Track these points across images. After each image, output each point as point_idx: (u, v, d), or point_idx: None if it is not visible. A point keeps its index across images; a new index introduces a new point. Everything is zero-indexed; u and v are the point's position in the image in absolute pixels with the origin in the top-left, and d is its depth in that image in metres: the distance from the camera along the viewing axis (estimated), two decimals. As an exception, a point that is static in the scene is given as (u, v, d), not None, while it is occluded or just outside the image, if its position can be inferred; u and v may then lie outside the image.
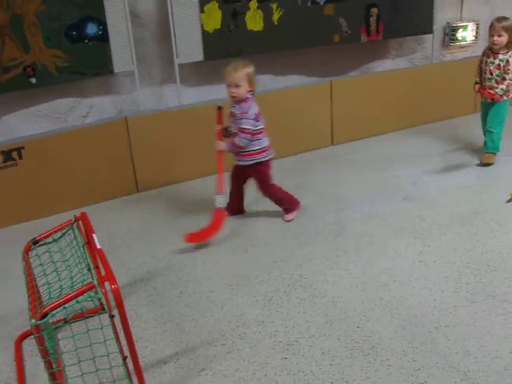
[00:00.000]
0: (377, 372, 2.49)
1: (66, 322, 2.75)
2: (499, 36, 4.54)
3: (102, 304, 2.93)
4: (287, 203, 4.07)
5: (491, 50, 4.70)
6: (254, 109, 3.77)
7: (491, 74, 4.69)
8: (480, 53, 4.96)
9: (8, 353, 2.82)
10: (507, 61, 4.59)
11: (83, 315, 2.72)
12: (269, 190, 4.02)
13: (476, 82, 4.84)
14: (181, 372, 2.58)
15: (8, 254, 3.79)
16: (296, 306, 3.01)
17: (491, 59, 4.69)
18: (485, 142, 4.87)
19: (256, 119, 3.78)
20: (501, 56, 4.62)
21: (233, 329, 2.86)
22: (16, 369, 2.68)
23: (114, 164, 4.67)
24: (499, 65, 4.63)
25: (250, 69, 3.74)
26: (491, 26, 4.62)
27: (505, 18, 4.59)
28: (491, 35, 4.61)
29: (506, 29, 4.53)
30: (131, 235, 4.03)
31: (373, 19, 5.62)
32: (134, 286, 3.31)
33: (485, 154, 4.83)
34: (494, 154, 4.83)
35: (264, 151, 3.88)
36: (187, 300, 3.15)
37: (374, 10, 5.60)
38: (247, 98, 3.76)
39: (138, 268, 3.53)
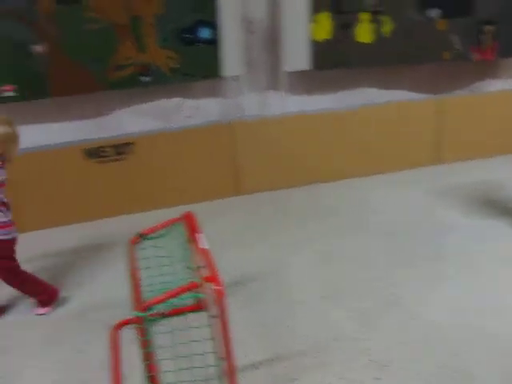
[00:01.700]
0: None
1: (163, 316, 2.81)
2: None
3: (199, 303, 2.98)
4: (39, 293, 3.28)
5: None
6: None
7: None
8: None
9: (104, 339, 2.91)
10: None
11: (180, 311, 2.78)
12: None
13: None
14: (272, 379, 2.56)
15: (114, 244, 3.95)
16: (391, 327, 2.93)
17: None
18: None
19: None
20: None
21: (327, 342, 2.81)
22: (112, 355, 2.76)
23: (217, 165, 4.79)
24: None
25: (3, 129, 2.93)
26: None
27: None
28: None
29: None
30: (229, 237, 4.08)
31: (487, 37, 5.41)
32: (229, 288, 3.31)
33: None
34: None
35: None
36: (282, 307, 3.14)
37: (489, 28, 5.39)
38: None
39: (235, 271, 3.56)
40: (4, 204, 3.03)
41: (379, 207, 4.55)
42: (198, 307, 2.97)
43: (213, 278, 2.13)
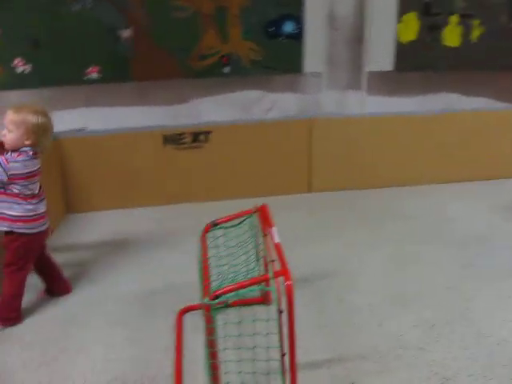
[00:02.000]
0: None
1: (227, 304, 2.85)
2: None
3: (264, 296, 3.00)
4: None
5: None
6: (20, 166, 2.84)
7: None
8: None
9: (169, 323, 2.98)
10: None
11: (245, 303, 2.81)
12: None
13: None
14: (331, 380, 2.55)
15: (186, 230, 4.02)
16: (458, 340, 2.84)
17: None
18: None
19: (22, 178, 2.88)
20: None
21: (389, 348, 2.77)
22: (176, 339, 2.82)
23: (291, 160, 4.80)
24: None
25: (36, 119, 2.86)
26: None
27: None
28: None
29: None
30: (298, 233, 4.07)
31: None
32: (296, 284, 3.32)
33: None
34: None
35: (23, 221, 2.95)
36: (346, 309, 3.11)
37: None
38: (22, 151, 2.86)
39: (301, 267, 3.53)
40: (34, 196, 2.96)
41: (455, 216, 4.43)
42: (262, 300, 3.00)
43: (284, 273, 2.14)
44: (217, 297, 2.14)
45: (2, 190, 2.87)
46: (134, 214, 4.57)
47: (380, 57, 4.78)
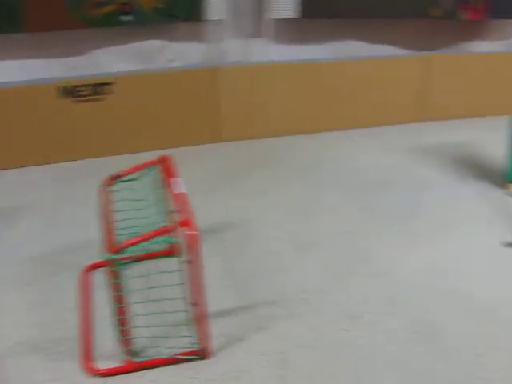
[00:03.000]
0: (436, 357, 2.41)
1: (135, 259, 2.80)
2: None
3: (170, 247, 2.96)
4: None
5: None
6: None
7: None
8: None
9: (75, 281, 2.89)
10: None
11: (153, 256, 2.77)
12: None
13: None
14: (241, 327, 2.58)
15: (86, 186, 3.87)
16: (361, 281, 2.95)
17: None
18: None
19: None
20: None
21: (296, 293, 2.83)
22: (82, 297, 2.75)
23: (197, 111, 4.72)
24: None
25: None
26: None
27: None
28: None
29: None
30: (205, 184, 4.05)
31: (477, -4, 5.33)
32: (202, 235, 3.32)
33: None
34: None
35: None
36: (252, 258, 3.15)
37: (480, -13, 5.31)
38: None
39: (209, 218, 3.51)
40: None
41: (356, 162, 4.54)
42: (170, 252, 2.96)
43: (187, 223, 2.10)
44: (120, 251, 2.08)
45: None
46: (32, 172, 4.33)
47: (283, 4, 4.73)
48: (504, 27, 5.85)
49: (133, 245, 2.06)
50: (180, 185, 2.34)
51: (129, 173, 2.65)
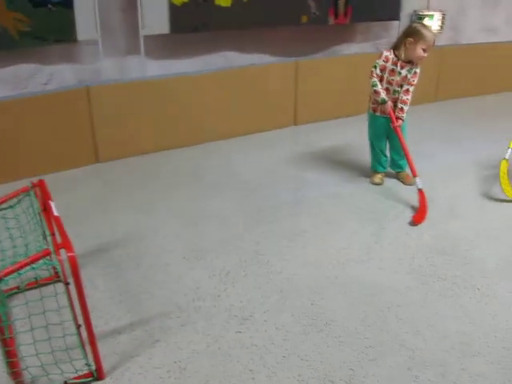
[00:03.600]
0: (329, 348, 2.54)
1: (19, 289, 2.73)
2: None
3: (56, 272, 2.91)
4: None
5: (398, 58, 4.00)
6: None
7: (399, 86, 4.06)
8: (444, 42, 4.92)
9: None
10: (415, 72, 4.02)
11: (37, 283, 2.71)
12: None
13: (383, 101, 4.04)
14: (135, 343, 2.57)
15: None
16: (252, 282, 3.04)
17: (398, 68, 4.01)
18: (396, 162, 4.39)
19: None
20: (408, 66, 4.00)
21: (188, 302, 2.87)
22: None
23: (73, 133, 4.60)
24: (406, 76, 4.01)
25: None
26: (428, 41, 3.87)
27: None
28: (424, 50, 3.88)
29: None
30: (89, 206, 3.99)
31: (341, 2, 5.64)
32: (90, 256, 3.28)
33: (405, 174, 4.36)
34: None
35: None
36: (144, 272, 3.14)
37: (343, -7, 5.62)
38: None
39: (96, 239, 3.50)
40: None
41: (240, 169, 4.66)
42: (56, 277, 2.91)
43: (65, 245, 2.09)
44: (-3, 281, 2.02)
45: None
46: None
47: (155, 20, 4.76)
48: (369, 29, 6.24)
49: (11, 273, 2.01)
50: (54, 208, 2.31)
51: (3, 201, 2.57)
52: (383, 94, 4.03)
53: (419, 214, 3.76)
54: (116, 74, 4.96)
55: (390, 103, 4.04)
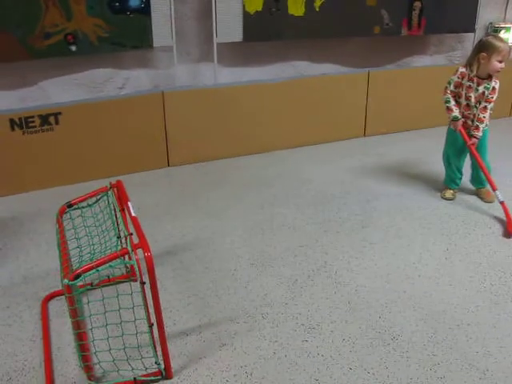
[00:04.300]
0: (395, 363, 2.50)
1: (91, 286, 2.81)
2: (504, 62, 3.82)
3: (129, 271, 2.99)
4: None
5: (476, 75, 3.87)
6: None
7: (477, 102, 3.92)
8: None
9: (34, 311, 2.87)
10: (493, 88, 3.87)
11: (109, 281, 2.78)
12: None
13: (455, 118, 3.97)
14: (202, 345, 2.61)
15: (42, 216, 3.89)
16: (319, 291, 3.03)
17: (475, 85, 3.89)
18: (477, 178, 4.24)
19: None
20: (486, 82, 3.88)
21: (256, 308, 2.88)
22: (42, 327, 2.74)
23: (147, 137, 4.73)
24: (483, 93, 3.88)
25: None
26: (502, 51, 3.74)
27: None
28: (500, 61, 3.76)
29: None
30: (160, 208, 4.08)
31: (415, 13, 5.57)
32: (160, 258, 3.35)
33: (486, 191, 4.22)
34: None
35: None
36: (212, 276, 3.18)
37: (418, 4, 5.55)
38: None
39: (165, 241, 3.57)
40: None
41: (309, 178, 4.65)
42: (128, 276, 2.98)
43: (142, 245, 2.14)
44: (77, 276, 2.09)
45: None
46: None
47: (228, 28, 4.83)
48: (442, 41, 6.13)
49: (89, 270, 2.07)
50: (131, 208, 2.37)
51: (82, 200, 2.66)
52: (456, 112, 3.95)
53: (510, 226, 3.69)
54: (189, 80, 5.06)
55: (460, 121, 3.95)
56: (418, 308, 2.88)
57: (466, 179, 4.33)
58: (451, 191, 4.23)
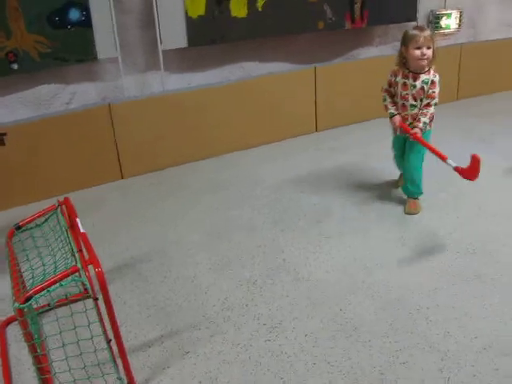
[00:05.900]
0: (358, 353, 2.53)
1: (49, 306, 2.77)
2: (428, 48, 3.57)
3: (86, 288, 2.94)
4: None
5: (409, 70, 3.70)
6: None
7: (415, 99, 3.71)
8: (463, 40, 4.82)
9: (-8, 338, 2.82)
10: (432, 81, 3.64)
11: (67, 300, 2.74)
12: None
13: (392, 115, 3.78)
14: (165, 355, 2.60)
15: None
16: (279, 290, 3.04)
17: (411, 81, 3.69)
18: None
19: None
20: (424, 77, 3.66)
21: (217, 312, 2.88)
22: (0, 353, 2.69)
23: (98, 151, 4.67)
24: (422, 88, 3.65)
25: None
26: (416, 38, 3.54)
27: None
28: (418, 48, 3.55)
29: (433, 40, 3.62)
30: (115, 222, 4.04)
31: (357, 6, 5.63)
32: (118, 271, 3.32)
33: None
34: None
35: None
36: (171, 285, 3.17)
37: (358, -3, 5.61)
38: None
39: (122, 254, 3.54)
40: None
41: (263, 178, 4.66)
42: (83, 294, 2.94)
43: (92, 261, 2.12)
44: (28, 299, 2.06)
45: None
46: None
47: (172, 35, 4.81)
48: (386, 32, 6.22)
49: (39, 291, 2.04)
50: (80, 225, 2.35)
51: (30, 221, 2.63)
52: (392, 109, 3.80)
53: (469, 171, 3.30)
54: (137, 90, 5.02)
55: (398, 117, 3.76)
56: (377, 297, 2.93)
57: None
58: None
